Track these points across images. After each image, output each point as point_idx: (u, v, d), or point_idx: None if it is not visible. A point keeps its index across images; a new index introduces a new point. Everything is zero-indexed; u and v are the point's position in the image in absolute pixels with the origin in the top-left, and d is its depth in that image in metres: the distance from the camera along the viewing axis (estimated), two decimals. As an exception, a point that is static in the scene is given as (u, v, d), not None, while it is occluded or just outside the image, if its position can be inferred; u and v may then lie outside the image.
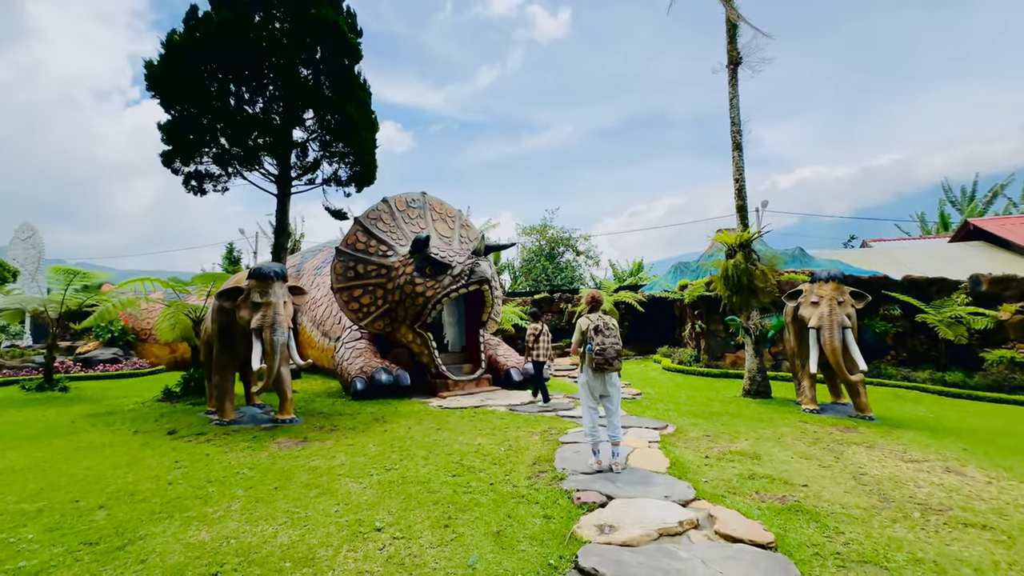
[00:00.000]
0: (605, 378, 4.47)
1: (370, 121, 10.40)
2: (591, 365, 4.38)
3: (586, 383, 4.54)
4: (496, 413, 7.42)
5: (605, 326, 4.44)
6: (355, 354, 9.76)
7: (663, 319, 18.12)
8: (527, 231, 27.48)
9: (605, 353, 4.32)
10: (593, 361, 4.34)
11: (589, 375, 4.49)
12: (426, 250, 9.49)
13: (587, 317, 4.56)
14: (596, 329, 4.40)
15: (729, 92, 9.84)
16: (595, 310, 4.67)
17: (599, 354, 4.32)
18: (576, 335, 4.56)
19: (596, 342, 4.34)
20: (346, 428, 6.39)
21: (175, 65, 7.92)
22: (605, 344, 4.33)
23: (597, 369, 4.36)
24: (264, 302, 6.21)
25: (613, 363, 4.34)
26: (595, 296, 4.72)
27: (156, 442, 5.66)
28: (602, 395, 4.53)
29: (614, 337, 4.40)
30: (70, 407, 8.17)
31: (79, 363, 13.36)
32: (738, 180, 9.57)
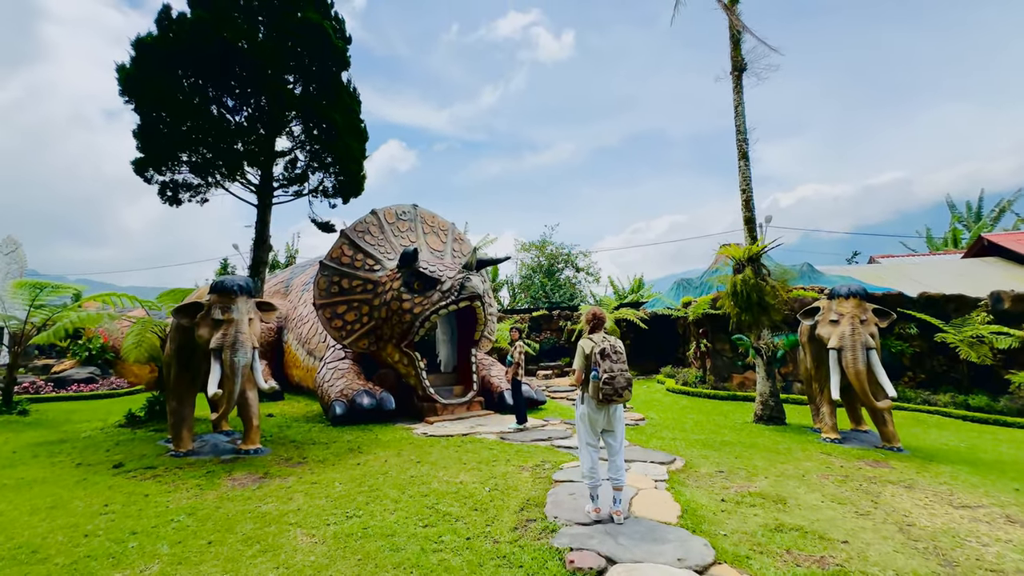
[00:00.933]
0: (610, 411, 3.83)
1: (358, 130, 9.92)
2: (596, 396, 3.73)
3: (586, 415, 3.88)
4: (485, 442, 6.73)
5: (613, 350, 3.80)
6: (336, 375, 9.09)
7: (666, 337, 17.44)
8: (525, 247, 26.99)
9: (614, 382, 3.67)
10: (600, 392, 3.69)
11: (591, 407, 3.84)
12: (415, 264, 8.91)
13: (590, 338, 3.94)
14: (603, 353, 3.76)
15: (734, 99, 9.38)
16: (597, 330, 4.04)
17: (607, 383, 3.67)
18: (578, 360, 3.92)
19: (603, 368, 3.71)
20: (315, 461, 5.71)
21: (147, 68, 7.45)
22: (614, 371, 3.69)
23: (603, 400, 3.71)
24: (225, 319, 5.60)
25: (623, 394, 3.70)
26: (597, 314, 4.09)
27: (96, 478, 4.98)
28: (604, 430, 3.88)
29: (623, 363, 3.77)
30: (21, 434, 7.49)
31: (51, 383, 12.67)
32: (745, 191, 9.04)
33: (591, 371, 3.77)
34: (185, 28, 7.34)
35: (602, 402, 3.73)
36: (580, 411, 3.95)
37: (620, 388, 3.67)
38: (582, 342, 3.96)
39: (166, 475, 5.11)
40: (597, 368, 3.72)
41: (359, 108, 10.11)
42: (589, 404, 3.85)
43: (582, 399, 3.95)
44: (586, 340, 3.95)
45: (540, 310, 19.48)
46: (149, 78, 7.50)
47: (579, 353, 3.93)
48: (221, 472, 5.20)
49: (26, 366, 15.96)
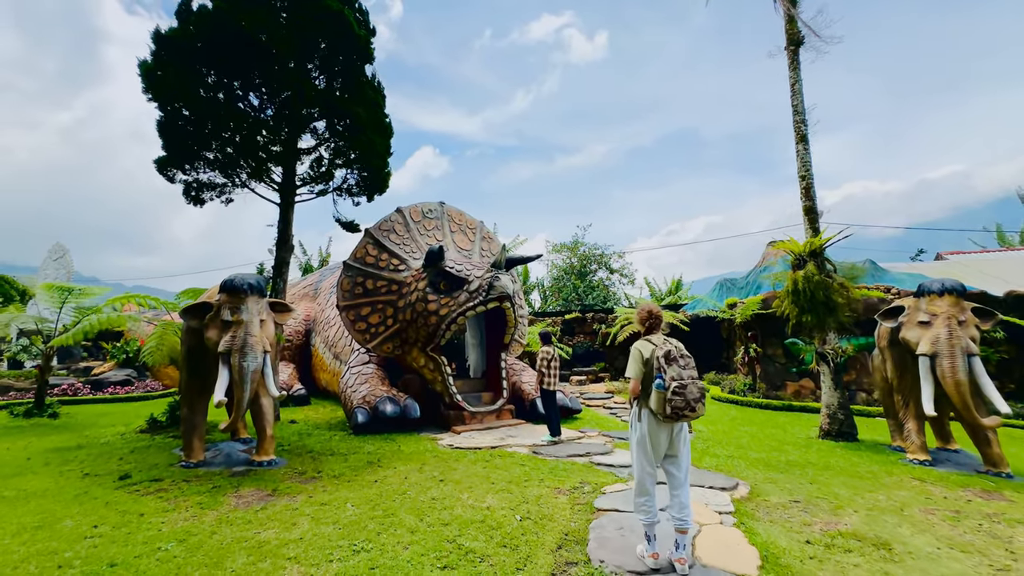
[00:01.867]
0: (674, 430, 3.13)
1: (383, 125, 9.52)
2: (661, 410, 3.03)
3: (646, 437, 3.16)
4: (516, 457, 6.09)
5: (680, 353, 3.11)
6: (360, 380, 8.65)
7: (708, 341, 16.33)
8: (557, 248, 26.25)
9: (686, 393, 2.96)
10: (667, 405, 2.99)
11: (651, 424, 3.14)
12: (440, 263, 8.39)
13: (648, 340, 3.26)
14: (668, 357, 3.08)
15: (790, 77, 8.44)
16: (655, 330, 3.36)
17: (677, 394, 2.96)
18: (634, 366, 3.21)
19: (670, 375, 3.01)
20: (330, 476, 5.21)
21: (167, 63, 7.25)
22: (684, 379, 2.99)
23: (670, 417, 3.01)
24: (235, 320, 5.18)
25: (696, 407, 2.99)
26: (653, 312, 3.38)
27: (97, 492, 4.63)
28: (667, 455, 3.18)
29: (693, 369, 3.07)
30: (44, 437, 7.37)
31: (88, 385, 12.86)
32: (804, 177, 8.07)
33: (654, 379, 3.07)
34: (204, 20, 7.09)
35: (669, 418, 3.02)
36: (638, 431, 3.22)
37: (693, 400, 2.95)
38: (638, 345, 3.25)
39: (170, 489, 4.71)
40: (662, 375, 3.03)
41: (383, 103, 9.72)
42: (650, 421, 3.14)
43: (639, 416, 3.22)
44: (643, 342, 3.25)
45: (573, 313, 18.70)
46: (169, 73, 7.29)
47: (635, 358, 3.22)
48: (227, 487, 4.76)
49: (69, 368, 16.44)
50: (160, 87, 7.33)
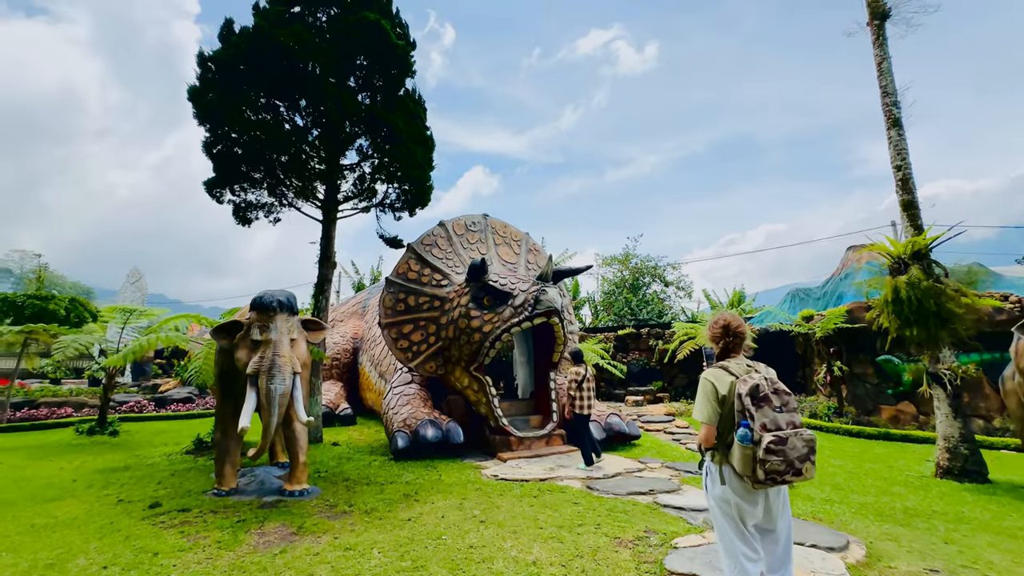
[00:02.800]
0: (770, 496, 2.33)
1: (423, 137, 9.28)
2: (749, 471, 2.24)
3: (730, 503, 2.37)
4: (567, 492, 5.37)
5: (774, 388, 2.31)
6: (401, 401, 8.25)
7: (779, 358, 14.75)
8: (607, 261, 25.28)
9: (787, 450, 2.16)
10: (757, 467, 2.19)
11: (736, 488, 2.34)
12: (484, 277, 7.90)
13: (723, 369, 2.47)
14: (756, 395, 2.26)
15: (875, 55, 7.38)
16: (735, 351, 2.56)
17: (774, 452, 2.16)
18: (706, 406, 2.44)
19: (760, 423, 2.21)
20: (361, 511, 4.73)
21: (212, 83, 7.35)
22: (782, 428, 2.20)
23: (764, 482, 2.21)
24: (263, 339, 4.89)
25: (804, 469, 2.18)
26: (731, 325, 2.57)
27: (122, 522, 4.39)
28: (762, 527, 2.38)
29: (794, 410, 2.28)
30: (99, 456, 7.47)
31: (153, 402, 13.39)
32: (900, 167, 6.94)
33: (737, 427, 2.29)
34: (245, 40, 7.13)
35: (762, 484, 2.22)
36: (716, 493, 2.43)
37: (799, 459, 2.16)
38: (710, 375, 2.47)
39: (195, 522, 4.40)
40: (747, 423, 2.24)
41: (424, 115, 9.50)
42: (734, 484, 2.35)
43: (717, 474, 2.42)
44: (717, 372, 2.46)
45: (626, 328, 17.68)
46: (215, 95, 7.38)
47: (705, 395, 2.44)
48: (252, 522, 4.38)
49: (140, 385, 17.38)
50: (206, 109, 7.43)
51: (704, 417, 2.43)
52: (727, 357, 2.56)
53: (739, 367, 2.44)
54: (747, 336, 2.62)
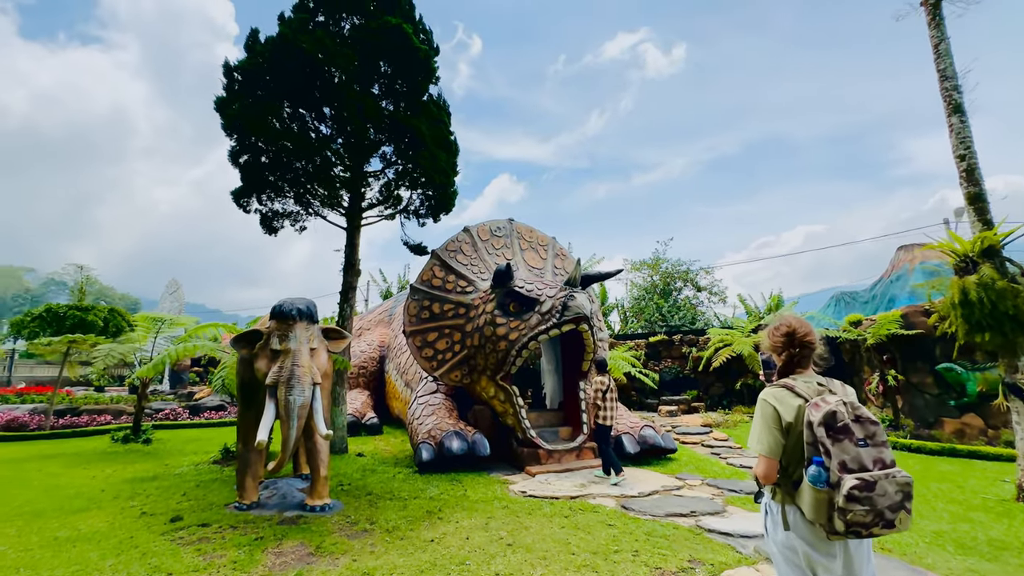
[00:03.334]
0: (850, 545, 1.89)
1: (447, 142, 9.14)
2: (823, 519, 1.83)
3: (801, 552, 1.93)
4: (600, 512, 5.00)
5: (855, 415, 1.85)
6: (426, 412, 8.04)
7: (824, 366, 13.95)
8: (636, 266, 24.65)
9: (874, 497, 1.72)
10: (836, 516, 1.76)
11: (806, 534, 1.92)
12: (509, 283, 7.64)
13: (787, 388, 2.03)
14: (832, 424, 1.82)
15: (931, 36, 6.80)
16: (802, 366, 2.13)
17: (857, 499, 1.72)
18: (765, 435, 2.00)
19: (838, 460, 1.77)
20: (383, 529, 4.50)
21: (238, 93, 7.41)
22: (868, 468, 1.76)
23: (846, 533, 1.77)
24: (282, 349, 4.74)
25: (897, 519, 1.73)
26: (797, 333, 2.12)
27: (142, 537, 4.29)
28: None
29: (881, 444, 1.82)
30: (129, 466, 7.52)
31: (188, 410, 13.65)
32: (964, 157, 6.32)
33: (807, 464, 1.87)
34: (269, 48, 7.15)
35: (840, 535, 1.79)
36: (778, 539, 2.01)
37: (887, 508, 1.71)
38: (770, 396, 2.03)
39: (213, 539, 4.25)
40: (821, 460, 1.82)
41: (448, 120, 9.38)
42: (801, 529, 1.93)
43: (782, 517, 1.99)
44: (780, 392, 2.03)
45: (658, 335, 17.08)
46: (241, 105, 7.41)
47: (765, 420, 2.01)
48: (270, 540, 4.21)
49: (177, 392, 17.84)
50: (232, 119, 7.48)
51: (764, 448, 2.00)
52: (792, 372, 2.14)
53: (808, 386, 2.02)
54: (817, 345, 2.19)
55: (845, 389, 2.03)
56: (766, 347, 2.26)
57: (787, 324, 2.17)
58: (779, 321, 2.21)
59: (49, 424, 10.76)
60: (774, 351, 2.22)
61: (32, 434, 10.38)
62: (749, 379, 13.86)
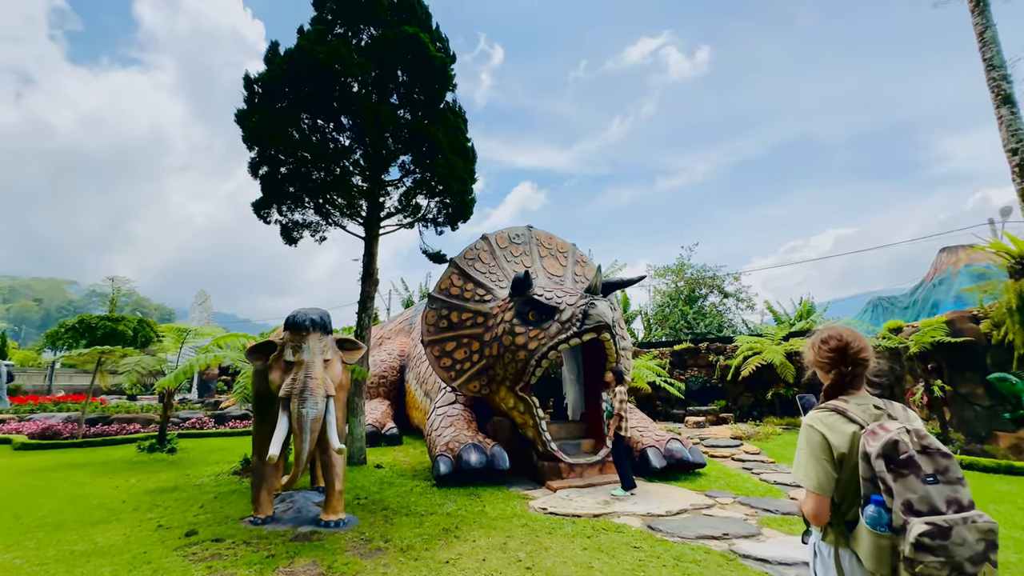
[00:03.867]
0: None
1: (464, 149, 9.07)
2: (888, 569, 1.55)
3: None
4: (626, 533, 4.73)
5: (922, 446, 1.57)
6: (444, 423, 7.88)
7: (862, 375, 13.26)
8: (660, 272, 24.16)
9: (950, 547, 1.41)
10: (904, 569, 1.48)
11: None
12: (528, 291, 7.47)
13: (838, 412, 1.76)
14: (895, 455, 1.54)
15: (975, 24, 6.38)
16: (853, 385, 1.85)
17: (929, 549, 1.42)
18: (814, 467, 1.73)
19: (901, 500, 1.50)
20: (397, 548, 4.33)
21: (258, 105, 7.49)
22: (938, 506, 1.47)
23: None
24: (296, 361, 4.67)
25: (979, 574, 1.42)
26: (848, 343, 1.85)
27: (155, 552, 4.23)
28: None
29: (956, 481, 1.51)
30: (152, 476, 7.59)
31: (213, 418, 13.85)
32: (1016, 151, 5.88)
33: (864, 503, 1.61)
34: (288, 59, 7.21)
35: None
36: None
37: (967, 561, 1.42)
38: (816, 422, 1.76)
39: (225, 555, 4.16)
40: (881, 499, 1.55)
41: (465, 127, 9.31)
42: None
43: (835, 564, 1.73)
44: (830, 417, 1.75)
45: (683, 343, 16.59)
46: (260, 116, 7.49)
47: (811, 450, 1.74)
48: (282, 558, 4.09)
49: (204, 401, 18.19)
50: (252, 131, 7.56)
51: (812, 483, 1.73)
52: (843, 392, 1.85)
53: (863, 410, 1.73)
54: (872, 361, 1.91)
55: (907, 413, 1.76)
56: (810, 362, 1.99)
57: (837, 337, 1.90)
58: (827, 332, 1.95)
59: (81, 432, 11.03)
60: (820, 367, 1.96)
61: (64, 442, 10.65)
62: (781, 389, 13.29)
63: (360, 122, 7.52)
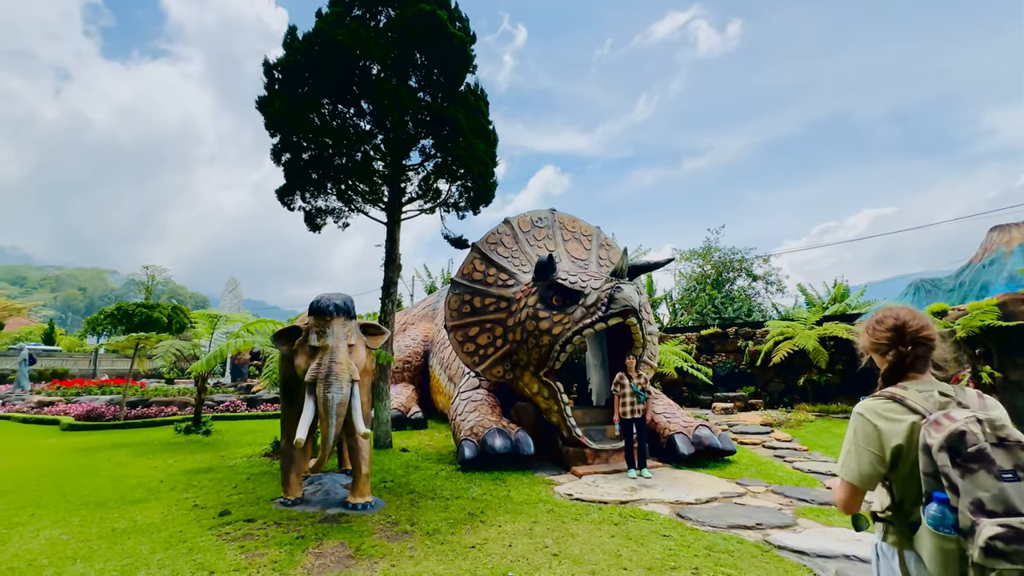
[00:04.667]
0: None
1: (485, 131, 8.90)
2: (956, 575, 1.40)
3: None
4: (654, 520, 4.63)
5: (998, 437, 1.38)
6: (469, 408, 7.88)
7: (901, 361, 12.68)
8: (686, 256, 23.60)
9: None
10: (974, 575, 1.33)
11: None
12: (552, 275, 7.33)
13: (896, 399, 1.60)
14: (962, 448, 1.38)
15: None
16: (915, 368, 1.68)
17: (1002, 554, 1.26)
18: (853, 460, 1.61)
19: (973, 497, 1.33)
20: (423, 531, 4.34)
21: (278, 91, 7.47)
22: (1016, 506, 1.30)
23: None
24: (320, 346, 4.68)
25: None
26: (906, 323, 1.69)
27: (190, 532, 4.35)
28: None
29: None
30: (188, 456, 7.85)
31: (245, 402, 14.28)
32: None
33: (926, 500, 1.46)
34: (305, 43, 7.14)
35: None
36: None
37: None
38: (869, 411, 1.62)
39: (257, 535, 4.25)
40: (945, 496, 1.40)
41: (486, 109, 9.13)
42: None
43: (900, 567, 1.59)
44: (883, 403, 1.61)
45: (711, 328, 16.20)
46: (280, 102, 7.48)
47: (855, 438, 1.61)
48: (311, 539, 4.15)
49: (237, 385, 18.78)
50: (273, 117, 7.56)
51: (847, 473, 1.61)
52: (902, 378, 1.69)
53: (925, 397, 1.57)
54: (936, 343, 1.74)
55: (984, 401, 1.58)
56: (865, 347, 1.82)
57: (894, 316, 1.73)
58: (882, 313, 1.77)
59: (122, 414, 11.52)
60: (876, 351, 1.79)
61: (108, 423, 11.15)
62: (814, 375, 12.86)
63: (380, 106, 7.43)
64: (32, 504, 5.24)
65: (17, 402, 14.83)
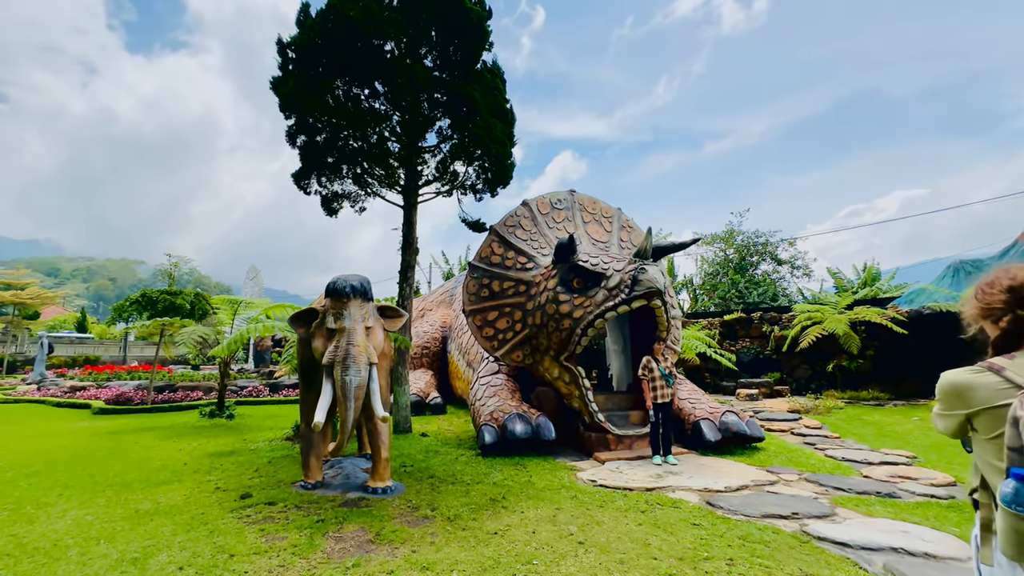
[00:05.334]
0: None
1: (502, 110, 8.65)
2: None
3: None
4: (683, 508, 4.45)
5: None
6: (488, 393, 7.77)
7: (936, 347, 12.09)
8: (708, 240, 23.01)
9: None
10: None
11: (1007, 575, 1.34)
12: (572, 257, 7.11)
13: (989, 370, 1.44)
14: None
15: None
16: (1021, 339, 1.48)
17: None
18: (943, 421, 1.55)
19: None
20: (444, 517, 4.25)
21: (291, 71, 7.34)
22: None
23: None
24: (337, 328, 4.57)
25: None
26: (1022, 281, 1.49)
27: (212, 514, 4.34)
28: None
29: None
30: (212, 440, 7.94)
31: (268, 387, 14.49)
32: None
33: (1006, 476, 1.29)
34: (318, 20, 6.97)
35: None
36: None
37: None
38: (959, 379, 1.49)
39: (277, 518, 4.21)
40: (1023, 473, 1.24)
41: (503, 87, 8.85)
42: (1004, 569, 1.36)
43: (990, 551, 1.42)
44: (978, 373, 1.47)
45: (734, 313, 15.78)
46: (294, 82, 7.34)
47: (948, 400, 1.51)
48: (332, 523, 4.09)
49: (259, 371, 19.09)
50: (288, 97, 7.44)
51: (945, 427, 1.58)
52: (1017, 347, 1.48)
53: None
54: None
55: None
56: (972, 316, 1.61)
57: (1010, 276, 1.52)
58: (994, 275, 1.56)
59: (150, 399, 11.78)
60: (987, 316, 1.57)
61: (136, 408, 11.41)
62: (844, 360, 12.41)
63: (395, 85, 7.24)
64: (61, 484, 5.32)
65: (51, 387, 15.33)
